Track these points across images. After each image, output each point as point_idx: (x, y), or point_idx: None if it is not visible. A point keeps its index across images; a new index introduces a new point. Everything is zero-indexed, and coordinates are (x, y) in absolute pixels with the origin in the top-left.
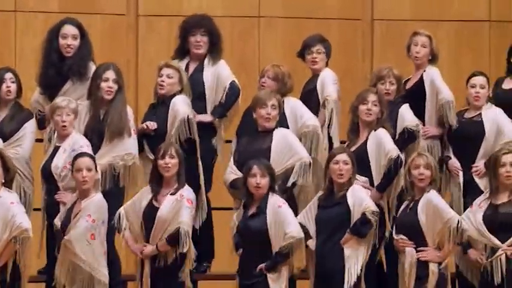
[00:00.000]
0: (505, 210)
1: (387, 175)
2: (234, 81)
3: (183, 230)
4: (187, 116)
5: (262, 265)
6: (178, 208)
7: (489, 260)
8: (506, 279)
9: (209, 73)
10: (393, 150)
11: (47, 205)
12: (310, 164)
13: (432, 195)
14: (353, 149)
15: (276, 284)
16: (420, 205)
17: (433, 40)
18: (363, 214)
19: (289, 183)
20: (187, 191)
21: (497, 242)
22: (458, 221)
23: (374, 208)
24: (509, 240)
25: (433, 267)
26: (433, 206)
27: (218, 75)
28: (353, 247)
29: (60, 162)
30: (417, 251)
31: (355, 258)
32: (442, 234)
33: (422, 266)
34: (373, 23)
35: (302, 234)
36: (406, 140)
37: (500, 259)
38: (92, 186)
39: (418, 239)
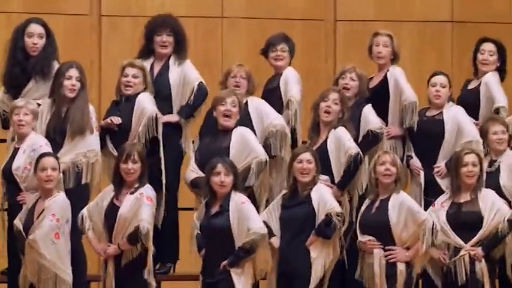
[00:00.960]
0: (467, 209)
1: (347, 172)
2: (202, 82)
3: (143, 228)
4: (156, 114)
5: (224, 262)
6: (138, 206)
7: (452, 260)
8: (470, 279)
9: (175, 74)
10: (352, 148)
11: (10, 206)
12: (266, 162)
13: (404, 196)
14: (314, 148)
15: (240, 280)
16: (391, 205)
17: (394, 39)
18: (327, 215)
19: (250, 183)
20: (146, 189)
21: (460, 242)
22: (433, 223)
23: (338, 209)
24: (472, 240)
25: (401, 267)
26: (407, 208)
27: (185, 75)
28: (319, 248)
29: (20, 163)
30: (384, 251)
31: (321, 259)
32: (415, 235)
33: (390, 266)
34: (336, 23)
35: (265, 231)
36: (369, 142)
37: (463, 259)
38: (54, 186)
39: (386, 239)
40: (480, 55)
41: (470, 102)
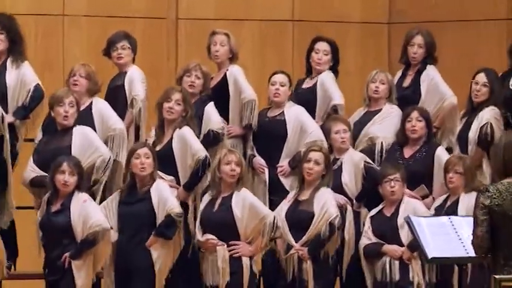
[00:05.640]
0: (303, 208)
1: (195, 175)
2: (38, 84)
3: None
4: (2, 114)
5: (66, 254)
6: None
7: (284, 257)
8: (298, 278)
9: (12, 75)
10: (200, 151)
11: None
12: (110, 159)
13: (246, 192)
14: (159, 147)
15: (80, 275)
16: (234, 202)
17: (232, 38)
18: (168, 216)
19: (92, 181)
20: None
21: (292, 240)
22: (274, 218)
23: (178, 210)
24: (301, 240)
25: (246, 262)
26: (249, 203)
27: (22, 77)
28: (160, 248)
29: None
30: (228, 245)
31: (163, 259)
32: (257, 230)
33: (234, 262)
34: (177, 22)
35: (107, 225)
36: (210, 141)
37: (292, 258)
38: None
39: (231, 235)
40: (314, 54)
41: (305, 101)
